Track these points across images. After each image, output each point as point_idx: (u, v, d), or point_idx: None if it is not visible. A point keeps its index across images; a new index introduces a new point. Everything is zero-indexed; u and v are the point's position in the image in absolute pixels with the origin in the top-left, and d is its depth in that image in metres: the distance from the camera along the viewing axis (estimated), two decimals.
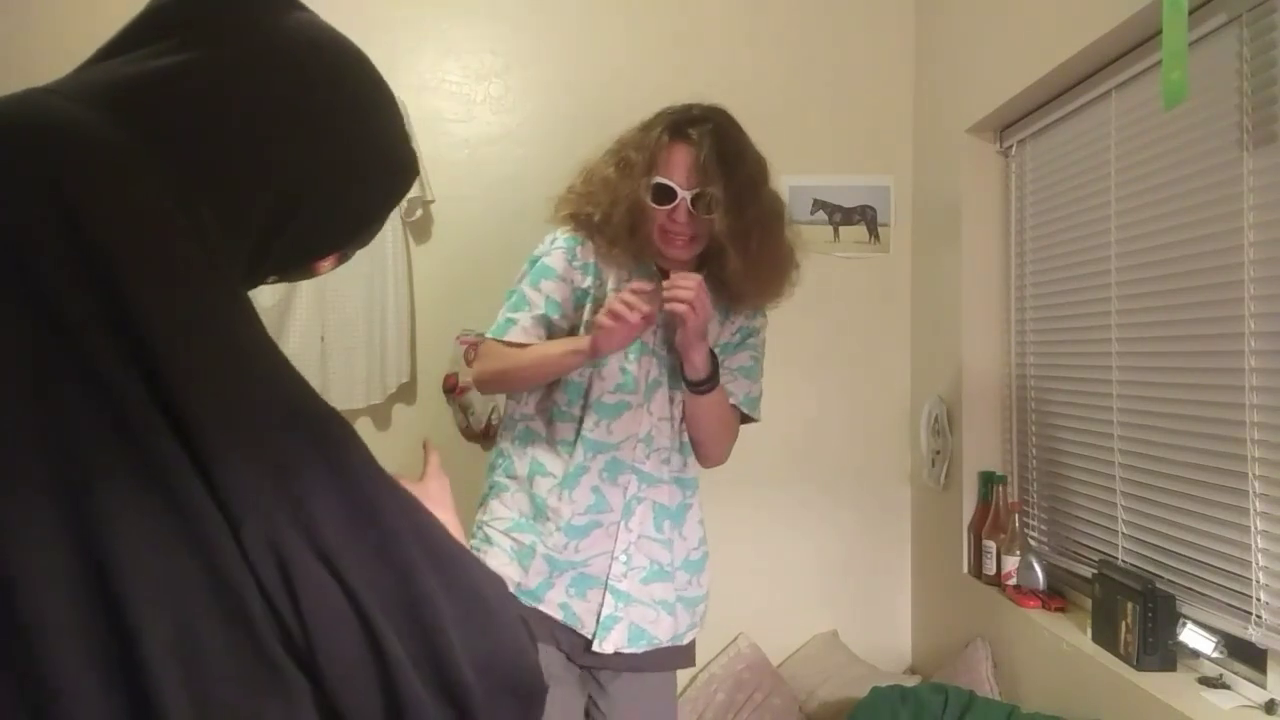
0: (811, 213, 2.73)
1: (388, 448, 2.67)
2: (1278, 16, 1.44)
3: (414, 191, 2.56)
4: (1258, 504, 1.48)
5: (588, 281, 1.72)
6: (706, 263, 1.73)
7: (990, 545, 2.22)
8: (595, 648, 1.67)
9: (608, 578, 1.69)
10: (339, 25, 0.83)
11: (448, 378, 2.62)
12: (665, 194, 1.63)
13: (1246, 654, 1.54)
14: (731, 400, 1.81)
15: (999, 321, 2.38)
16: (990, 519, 2.25)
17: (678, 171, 1.64)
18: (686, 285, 1.56)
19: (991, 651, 2.16)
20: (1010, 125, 2.31)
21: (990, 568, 2.22)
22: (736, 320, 1.83)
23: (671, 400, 1.75)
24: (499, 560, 1.68)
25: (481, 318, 2.63)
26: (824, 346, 2.74)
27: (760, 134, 2.71)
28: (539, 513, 1.70)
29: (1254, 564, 1.49)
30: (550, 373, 1.68)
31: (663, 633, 1.73)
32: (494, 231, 2.69)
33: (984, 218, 2.39)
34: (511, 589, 1.62)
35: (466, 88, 2.71)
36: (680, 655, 1.80)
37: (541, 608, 1.67)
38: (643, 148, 1.67)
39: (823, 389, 2.74)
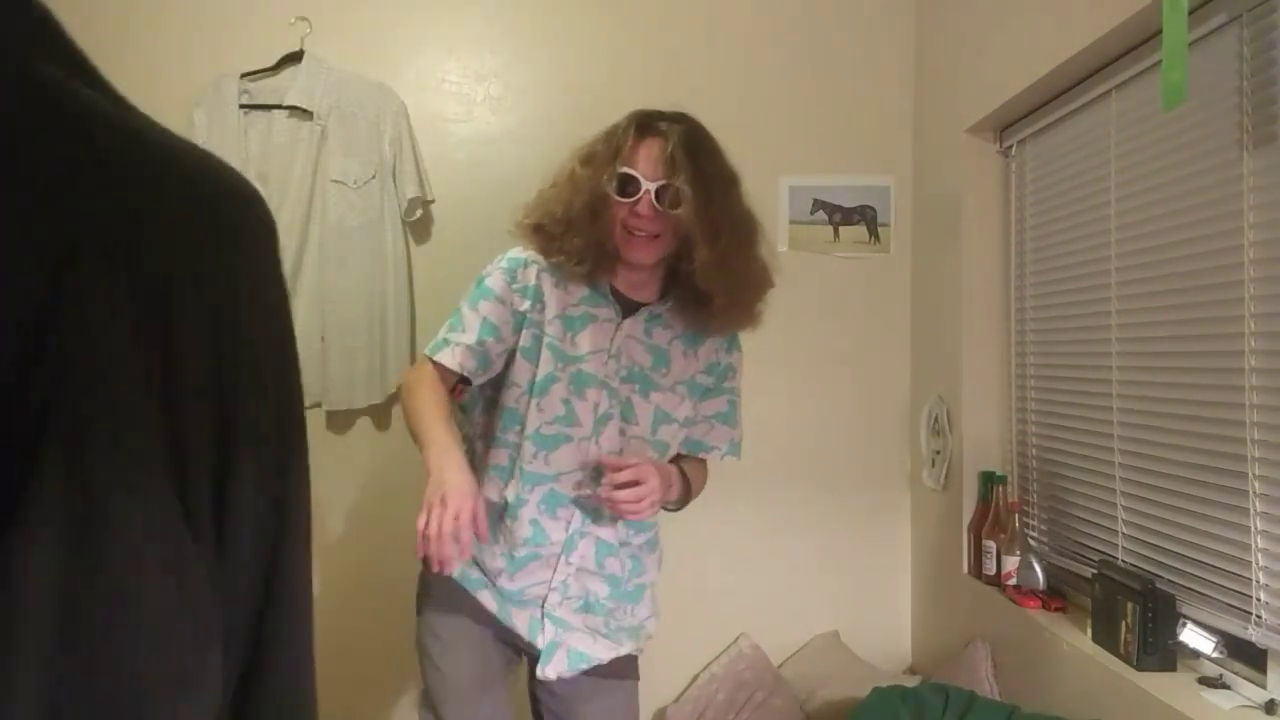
0: (811, 213, 2.73)
1: (388, 447, 2.68)
2: (1278, 16, 1.44)
3: (413, 191, 2.56)
4: (1258, 504, 1.48)
5: (526, 305, 1.65)
6: (674, 270, 1.66)
7: (990, 545, 2.23)
8: (539, 675, 1.67)
9: (544, 604, 1.67)
10: (339, 27, 0.84)
11: None
12: (629, 185, 1.56)
13: (1246, 654, 1.54)
14: (716, 454, 1.78)
15: (999, 321, 2.38)
16: (990, 519, 2.25)
17: (644, 163, 1.57)
18: (628, 492, 1.53)
19: (991, 651, 2.16)
20: (1010, 125, 2.31)
21: (990, 568, 2.22)
22: (707, 352, 1.74)
23: (623, 434, 1.68)
24: None
25: None
26: (824, 346, 2.74)
27: (760, 134, 2.73)
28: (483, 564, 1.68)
29: (1254, 564, 1.49)
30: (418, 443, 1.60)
31: (602, 654, 1.71)
32: (494, 231, 2.68)
33: (984, 218, 2.39)
34: (455, 574, 1.63)
35: (466, 88, 2.71)
36: (625, 663, 1.77)
37: (478, 597, 1.67)
38: (610, 140, 1.61)
39: (823, 389, 2.74)
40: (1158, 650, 1.63)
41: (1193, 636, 1.60)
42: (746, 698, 2.50)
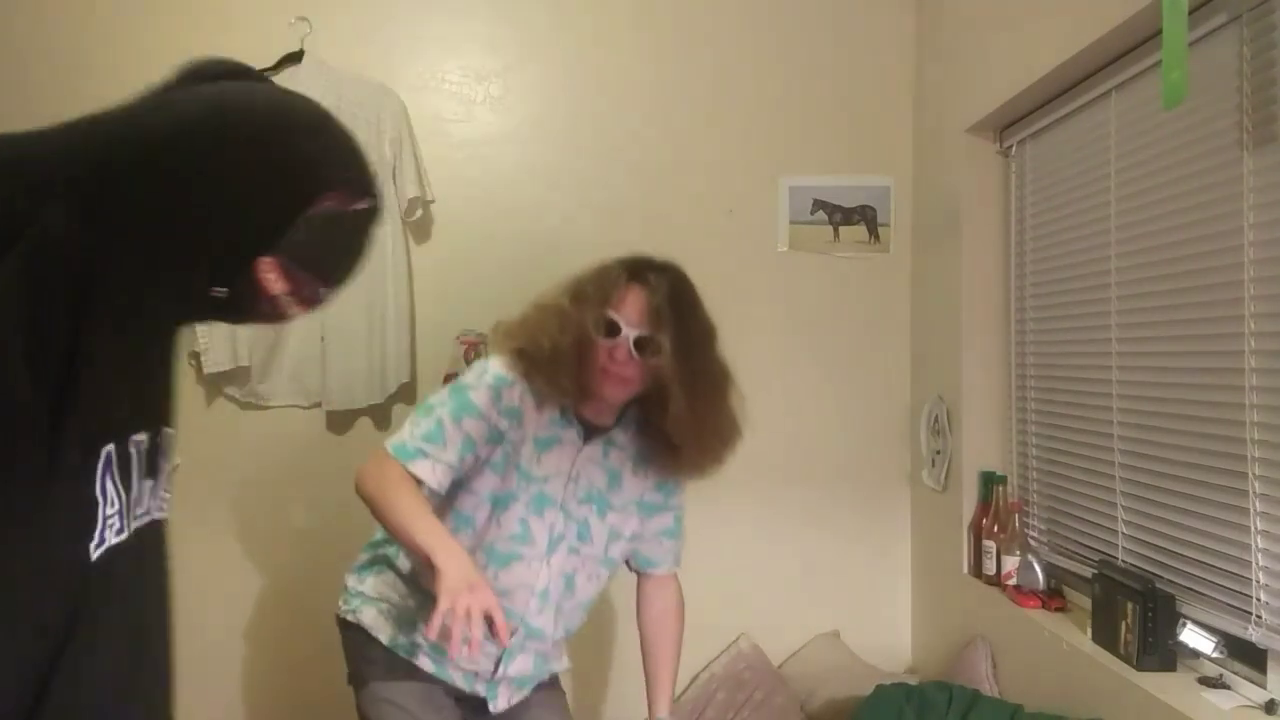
0: (811, 213, 2.73)
1: None
2: (1278, 17, 1.44)
3: (413, 191, 2.56)
4: (1258, 504, 1.48)
5: (505, 424, 1.67)
6: (647, 415, 1.71)
7: (990, 545, 2.23)
8: (494, 710, 1.74)
9: (488, 679, 1.74)
10: (338, 27, 0.86)
11: (447, 378, 2.62)
12: (611, 329, 1.60)
13: (1246, 654, 1.54)
14: (662, 568, 1.88)
15: (999, 321, 2.38)
16: (990, 519, 2.25)
17: (629, 310, 1.61)
18: None
19: (991, 651, 2.16)
20: (1010, 125, 2.31)
21: (990, 568, 2.22)
22: (656, 471, 1.80)
23: (577, 553, 1.73)
24: (378, 623, 1.74)
25: (481, 318, 2.64)
26: (824, 346, 2.74)
27: (760, 134, 2.73)
28: (421, 618, 1.72)
29: (1254, 564, 1.49)
30: (400, 540, 1.57)
31: (542, 671, 1.81)
32: (494, 231, 2.69)
33: (984, 218, 2.39)
34: (385, 641, 1.70)
35: (466, 88, 2.71)
36: (558, 676, 1.89)
37: (415, 661, 1.72)
38: (600, 282, 1.65)
39: (823, 389, 2.74)
40: (1158, 650, 1.63)
41: (1193, 636, 1.60)
42: (746, 697, 2.50)
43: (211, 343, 2.55)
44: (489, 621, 1.38)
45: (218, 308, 0.90)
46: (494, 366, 1.69)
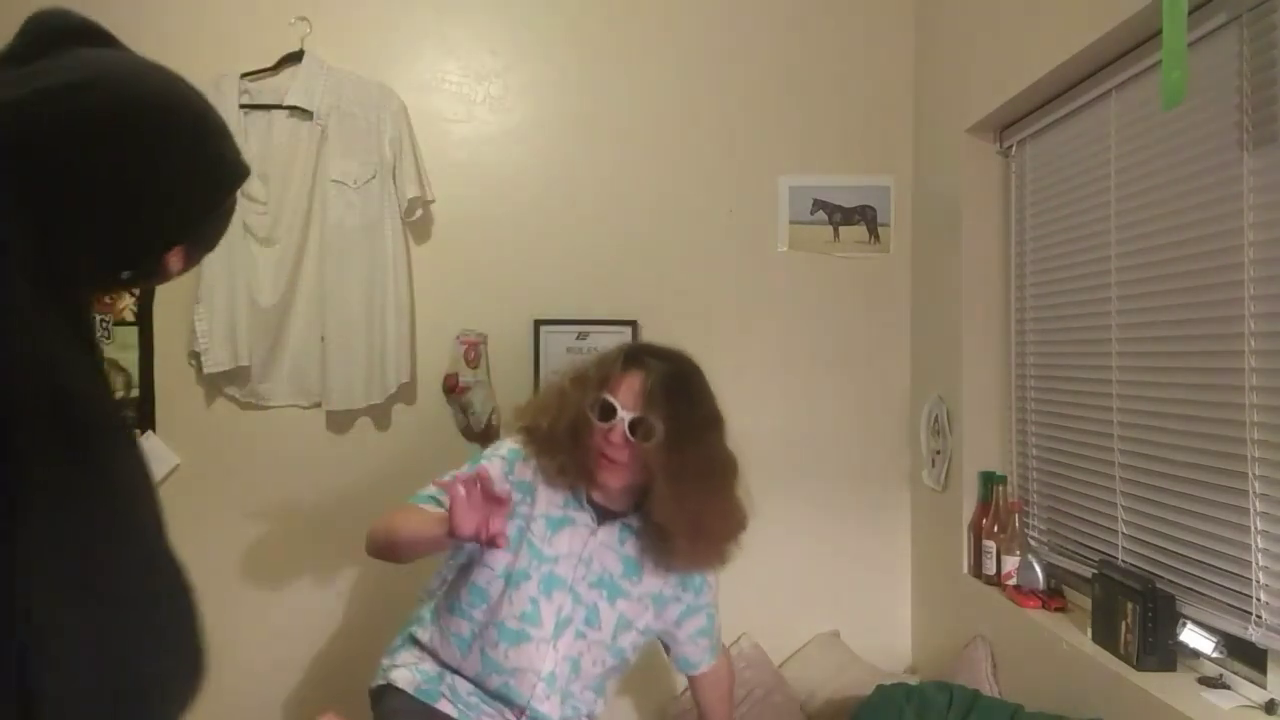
0: (811, 213, 2.73)
1: (388, 448, 2.68)
2: (1278, 17, 1.44)
3: (413, 191, 2.56)
4: (1258, 504, 1.48)
5: (517, 497, 1.70)
6: (643, 503, 1.73)
7: (990, 545, 2.23)
8: None
9: None
10: (339, 27, 0.85)
11: (448, 378, 2.62)
12: (606, 411, 1.63)
13: (1246, 654, 1.54)
14: (704, 665, 1.89)
15: (999, 321, 2.38)
16: (990, 519, 2.25)
17: (625, 394, 1.64)
18: None
19: (991, 651, 2.16)
20: (1010, 125, 2.31)
21: (990, 568, 2.22)
22: (679, 579, 1.82)
23: (584, 637, 1.74)
24: (403, 677, 1.77)
25: (481, 318, 2.65)
26: (824, 346, 2.74)
27: (761, 134, 2.73)
28: (442, 678, 1.77)
29: (1254, 564, 1.49)
30: (420, 540, 1.62)
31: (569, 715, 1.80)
32: (494, 231, 2.69)
33: (984, 218, 2.39)
34: (410, 690, 1.71)
35: (466, 88, 2.71)
36: None
37: (437, 706, 1.73)
38: (600, 366, 1.69)
39: (822, 389, 2.74)
40: (1158, 650, 1.63)
41: (1193, 636, 1.60)
42: (746, 694, 2.50)
43: (211, 343, 2.55)
44: (485, 486, 1.45)
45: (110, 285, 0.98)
46: (509, 442, 1.77)
